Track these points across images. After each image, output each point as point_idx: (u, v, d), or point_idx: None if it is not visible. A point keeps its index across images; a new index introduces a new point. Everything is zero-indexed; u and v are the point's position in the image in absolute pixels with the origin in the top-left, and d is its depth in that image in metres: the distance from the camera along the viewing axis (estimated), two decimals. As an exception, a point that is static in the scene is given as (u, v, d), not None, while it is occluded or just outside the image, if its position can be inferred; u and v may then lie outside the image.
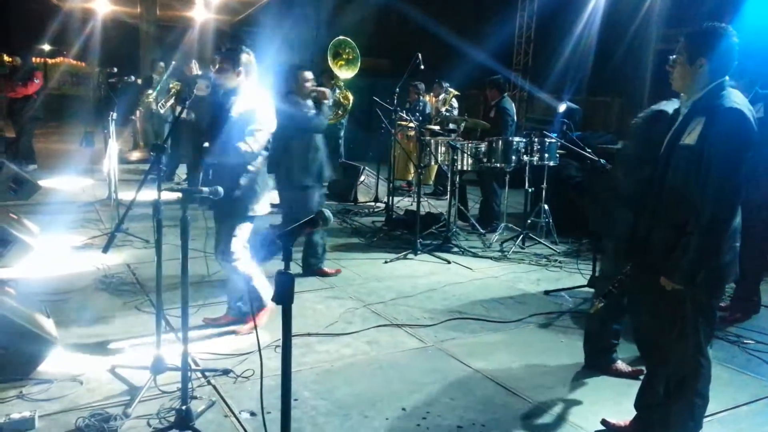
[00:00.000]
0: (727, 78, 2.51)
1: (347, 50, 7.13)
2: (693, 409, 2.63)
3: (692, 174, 2.44)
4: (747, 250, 4.09)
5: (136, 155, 10.92)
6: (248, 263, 3.84)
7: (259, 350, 2.41)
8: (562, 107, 7.96)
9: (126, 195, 6.42)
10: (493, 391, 3.32)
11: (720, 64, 2.49)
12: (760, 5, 7.62)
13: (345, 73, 7.14)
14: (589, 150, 5.40)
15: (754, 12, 7.60)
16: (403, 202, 7.94)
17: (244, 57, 3.68)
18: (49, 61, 19.90)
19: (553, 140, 6.20)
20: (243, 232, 3.80)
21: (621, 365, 3.56)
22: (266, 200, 3.86)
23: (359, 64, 7.16)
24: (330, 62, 7.14)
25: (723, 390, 3.32)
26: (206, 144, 3.67)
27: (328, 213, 2.16)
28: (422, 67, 7.39)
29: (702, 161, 2.41)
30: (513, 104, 7.34)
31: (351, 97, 8.07)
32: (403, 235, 6.52)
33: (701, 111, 2.48)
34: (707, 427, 2.77)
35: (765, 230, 4.34)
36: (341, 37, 7.14)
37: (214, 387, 3.19)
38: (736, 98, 2.46)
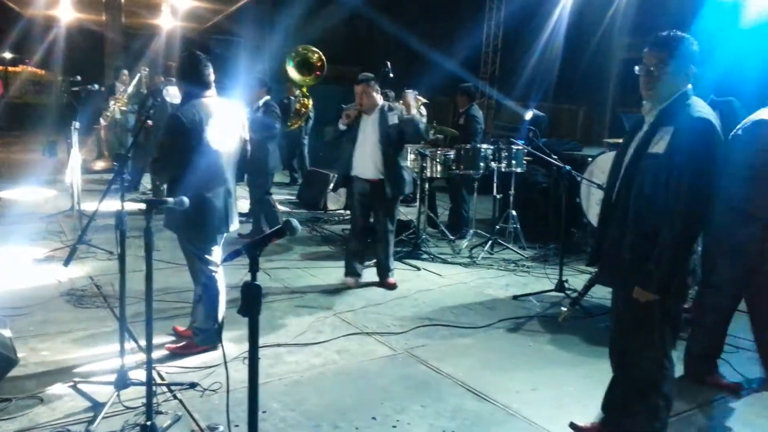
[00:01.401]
0: (689, 86, 2.57)
1: (305, 53, 7.17)
2: (658, 410, 2.68)
3: (660, 183, 2.47)
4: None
5: (100, 165, 10.69)
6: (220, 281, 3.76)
7: (225, 363, 2.38)
8: (528, 115, 8.10)
9: (89, 206, 6.27)
10: (463, 397, 3.33)
11: (685, 72, 2.54)
12: (715, 13, 7.88)
13: (302, 75, 7.18)
14: (555, 156, 5.50)
15: (709, 19, 7.85)
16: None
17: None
18: (10, 69, 19.44)
19: (520, 147, 6.28)
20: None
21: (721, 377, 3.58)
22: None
23: (315, 64, 7.19)
24: (292, 69, 7.16)
25: (686, 389, 3.39)
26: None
27: (295, 222, 2.14)
28: (391, 75, 7.42)
29: (671, 171, 2.44)
30: (481, 112, 7.42)
31: (309, 104, 8.07)
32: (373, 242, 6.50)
33: (669, 120, 2.51)
34: (672, 426, 2.82)
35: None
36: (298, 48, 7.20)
37: (180, 401, 3.13)
38: (703, 108, 2.51)
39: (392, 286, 5.10)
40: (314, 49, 7.25)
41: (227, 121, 3.65)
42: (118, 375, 3.03)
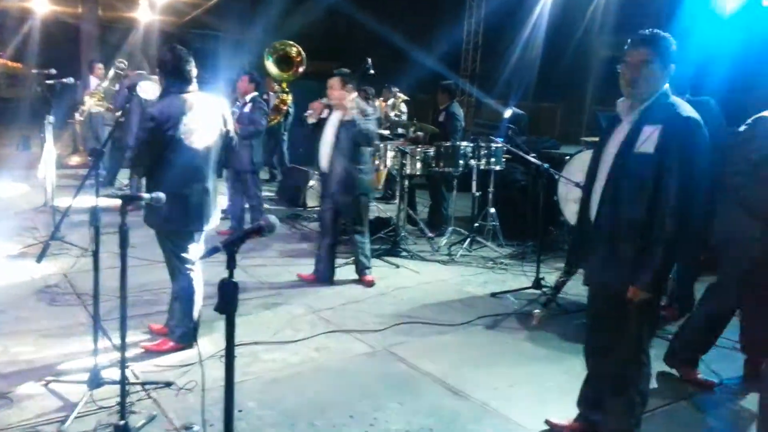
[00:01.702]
0: (667, 85, 2.59)
1: (283, 48, 7.14)
2: (633, 406, 2.70)
3: (650, 182, 2.47)
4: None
5: (75, 160, 10.52)
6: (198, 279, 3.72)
7: (201, 361, 2.35)
8: (508, 113, 8.13)
9: (64, 201, 6.16)
10: (441, 394, 3.34)
11: (667, 71, 2.56)
12: (691, 12, 8.01)
13: (281, 71, 7.17)
14: (534, 154, 5.53)
15: (685, 19, 7.97)
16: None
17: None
18: (-18, 61, 18.99)
19: (500, 145, 6.31)
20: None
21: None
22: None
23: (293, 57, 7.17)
24: (270, 64, 7.12)
25: (661, 386, 3.44)
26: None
27: (273, 219, 2.12)
28: (372, 71, 7.41)
29: (662, 170, 2.44)
30: (462, 110, 7.44)
31: (289, 100, 8.05)
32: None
33: (653, 119, 2.51)
34: (646, 422, 2.85)
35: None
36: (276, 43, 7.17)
37: (155, 400, 3.08)
38: (687, 106, 2.54)
39: (369, 284, 5.09)
40: (292, 43, 7.21)
41: (207, 116, 3.61)
42: (91, 374, 2.98)
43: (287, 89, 7.77)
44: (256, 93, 6.31)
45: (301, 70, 7.40)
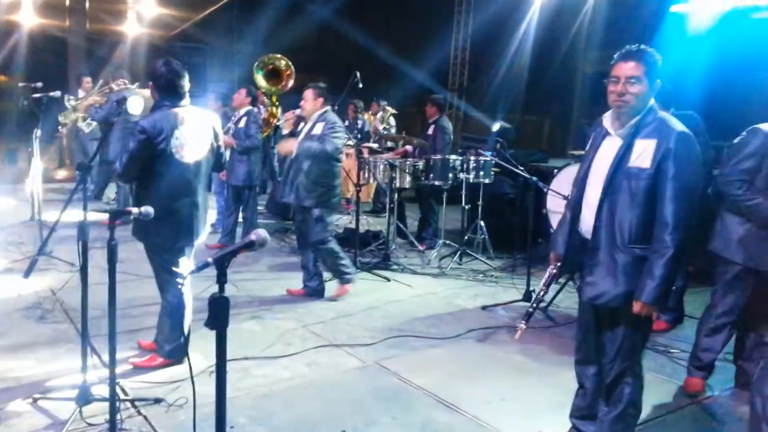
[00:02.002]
0: (653, 100, 2.63)
1: (272, 61, 7.19)
2: (626, 418, 2.71)
3: (643, 195, 2.50)
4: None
5: (61, 174, 10.45)
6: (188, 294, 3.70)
7: (192, 377, 2.33)
8: (495, 126, 8.20)
9: (51, 216, 6.11)
10: (433, 408, 3.33)
11: (654, 85, 2.59)
12: (673, 28, 8.17)
13: (270, 84, 7.21)
14: (522, 168, 5.57)
15: (669, 34, 8.13)
16: (341, 220, 7.92)
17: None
18: (-32, 74, 18.85)
19: (488, 158, 6.35)
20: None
21: None
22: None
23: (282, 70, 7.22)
24: (260, 77, 7.15)
25: (652, 398, 3.45)
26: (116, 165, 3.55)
27: (264, 233, 2.12)
28: (360, 85, 7.45)
29: (659, 184, 2.47)
30: (450, 123, 7.49)
31: (278, 113, 8.08)
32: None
33: (646, 133, 2.54)
34: (638, 435, 2.86)
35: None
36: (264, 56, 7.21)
37: (145, 417, 3.04)
38: (676, 121, 2.57)
39: (340, 294, 5.07)
40: (281, 57, 7.25)
41: (198, 131, 3.60)
42: (79, 391, 2.94)
43: (277, 102, 7.78)
44: (251, 107, 6.31)
45: (290, 83, 7.43)
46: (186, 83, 3.56)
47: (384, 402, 3.36)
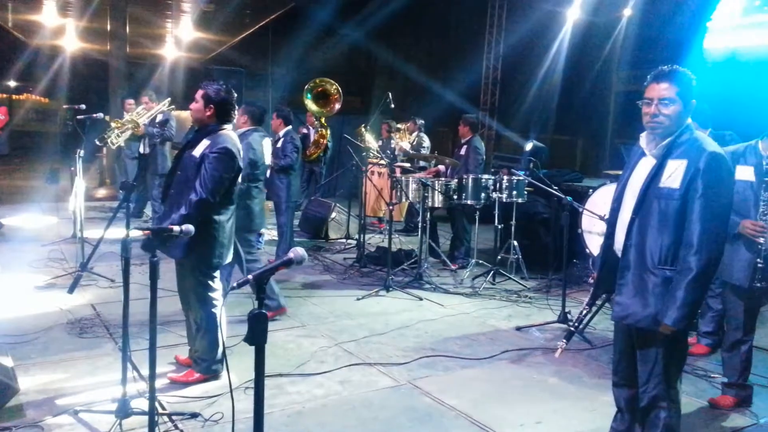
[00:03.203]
0: (689, 119, 2.61)
1: (323, 84, 7.36)
2: (666, 444, 2.65)
3: (673, 216, 2.49)
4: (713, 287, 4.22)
5: (102, 193, 10.75)
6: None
7: (231, 392, 2.36)
8: (528, 146, 8.17)
9: (92, 233, 6.29)
10: (467, 429, 3.30)
11: (688, 106, 2.58)
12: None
13: (318, 106, 7.39)
14: (556, 187, 5.53)
15: (701, 54, 8.04)
16: (374, 239, 7.95)
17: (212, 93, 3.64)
18: (14, 97, 19.63)
19: (521, 178, 6.32)
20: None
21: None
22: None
23: (332, 96, 7.37)
24: (310, 101, 7.32)
25: (692, 424, 3.36)
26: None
27: (302, 251, 2.16)
28: (392, 105, 7.53)
29: (688, 204, 2.46)
30: (482, 143, 7.49)
31: (327, 135, 8.23)
32: (375, 271, 6.52)
33: (678, 153, 2.53)
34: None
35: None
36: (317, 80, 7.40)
37: None
38: (711, 141, 2.55)
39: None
40: (331, 81, 7.43)
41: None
42: (119, 404, 3.00)
43: (326, 124, 7.95)
44: (288, 128, 6.43)
45: (337, 106, 7.58)
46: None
47: (418, 422, 3.35)
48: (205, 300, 3.66)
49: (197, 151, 3.54)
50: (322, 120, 7.88)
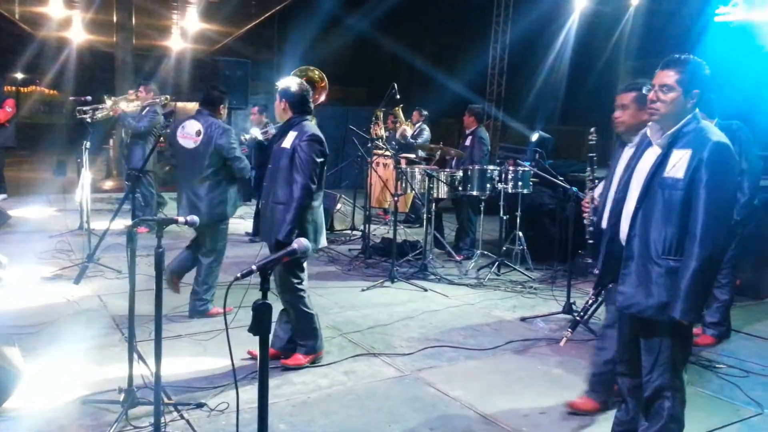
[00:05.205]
0: (697, 110, 2.59)
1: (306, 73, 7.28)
2: (670, 433, 2.65)
3: (677, 206, 2.47)
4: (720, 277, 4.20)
5: (108, 184, 10.80)
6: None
7: (236, 382, 2.38)
8: (534, 136, 8.14)
9: (98, 225, 6.31)
10: (472, 420, 3.31)
11: (695, 95, 2.55)
12: (718, 37, 7.98)
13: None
14: (561, 178, 5.51)
15: (714, 43, 7.95)
16: (379, 230, 7.96)
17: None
18: (22, 89, 19.69)
19: (527, 169, 6.30)
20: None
21: None
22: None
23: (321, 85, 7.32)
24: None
25: (697, 414, 3.35)
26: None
27: (306, 242, 2.16)
28: (398, 96, 7.50)
29: (692, 194, 2.44)
30: (488, 133, 7.46)
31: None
32: (380, 263, 6.53)
33: (683, 143, 2.51)
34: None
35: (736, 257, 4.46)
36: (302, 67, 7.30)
37: (188, 421, 3.12)
38: (716, 131, 2.53)
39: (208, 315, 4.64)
40: (314, 68, 7.34)
41: None
42: (125, 394, 3.03)
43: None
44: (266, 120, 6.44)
45: (323, 96, 7.52)
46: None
47: (422, 412, 3.36)
48: (295, 289, 3.81)
49: (287, 143, 3.69)
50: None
